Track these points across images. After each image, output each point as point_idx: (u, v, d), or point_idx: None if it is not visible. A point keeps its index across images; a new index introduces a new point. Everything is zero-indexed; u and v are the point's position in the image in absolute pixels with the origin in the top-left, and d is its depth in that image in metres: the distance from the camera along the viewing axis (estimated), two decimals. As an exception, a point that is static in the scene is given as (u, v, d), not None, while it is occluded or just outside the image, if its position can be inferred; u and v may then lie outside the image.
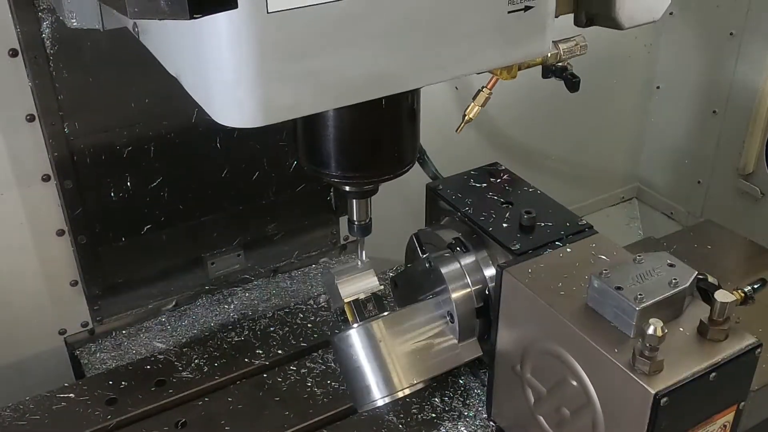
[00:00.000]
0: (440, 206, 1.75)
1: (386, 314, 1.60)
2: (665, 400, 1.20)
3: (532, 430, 1.50)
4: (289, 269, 2.22)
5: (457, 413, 1.70)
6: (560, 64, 1.69)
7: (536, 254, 1.51)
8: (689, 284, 1.33)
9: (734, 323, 1.29)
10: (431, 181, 1.92)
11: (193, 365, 1.82)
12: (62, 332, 1.96)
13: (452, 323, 1.61)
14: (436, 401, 1.72)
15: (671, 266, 1.36)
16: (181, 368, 1.81)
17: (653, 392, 1.20)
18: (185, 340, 1.94)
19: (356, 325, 1.57)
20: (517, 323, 1.49)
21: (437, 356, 1.61)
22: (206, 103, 1.04)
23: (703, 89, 2.60)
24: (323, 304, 2.04)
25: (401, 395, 1.55)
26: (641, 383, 1.21)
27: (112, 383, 1.77)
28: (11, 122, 1.70)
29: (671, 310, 1.31)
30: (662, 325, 1.20)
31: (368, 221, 1.52)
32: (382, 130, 1.30)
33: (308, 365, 1.82)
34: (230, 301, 2.10)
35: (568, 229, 1.59)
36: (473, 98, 1.78)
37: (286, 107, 1.01)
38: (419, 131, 1.37)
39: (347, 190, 1.44)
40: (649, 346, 1.20)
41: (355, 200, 1.48)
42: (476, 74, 1.24)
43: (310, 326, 1.96)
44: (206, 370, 1.81)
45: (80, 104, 1.71)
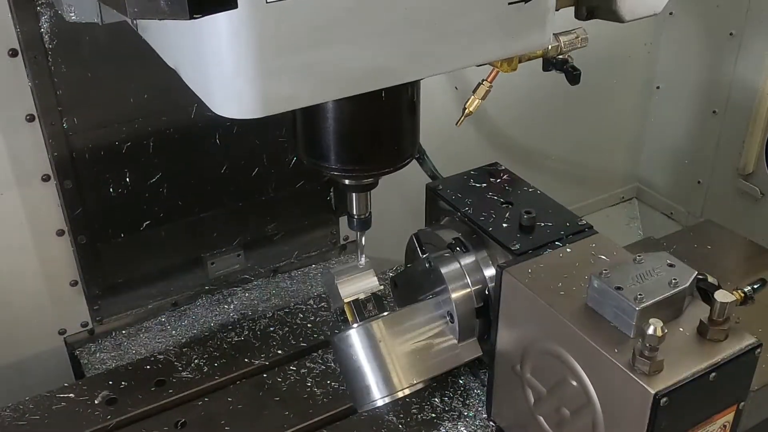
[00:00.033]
0: (440, 206, 1.75)
1: (386, 314, 1.60)
2: (665, 400, 1.20)
3: (532, 430, 1.50)
4: (289, 269, 2.22)
5: (456, 413, 1.70)
6: (561, 56, 1.68)
7: (536, 254, 1.51)
8: (689, 284, 1.33)
9: (734, 323, 1.29)
10: (431, 180, 1.92)
11: (193, 365, 1.82)
12: (62, 332, 1.96)
13: (452, 323, 1.61)
14: (436, 401, 1.72)
15: (671, 266, 1.36)
16: (181, 368, 1.81)
17: (653, 392, 1.20)
18: (185, 340, 1.94)
19: (356, 325, 1.57)
20: (517, 323, 1.49)
21: (437, 356, 1.60)
22: (205, 94, 1.04)
23: (703, 89, 2.60)
24: (323, 294, 2.04)
25: (401, 395, 1.55)
26: (641, 383, 1.21)
27: (111, 383, 1.77)
28: (11, 122, 1.70)
29: (671, 310, 1.31)
30: (662, 325, 1.20)
31: (368, 215, 1.51)
32: (381, 122, 1.29)
33: (308, 365, 1.82)
34: (230, 301, 2.10)
35: (568, 229, 1.59)
36: (473, 91, 1.77)
37: (285, 98, 1.01)
38: (419, 124, 1.36)
39: (347, 183, 1.44)
40: (649, 346, 1.20)
41: (354, 194, 1.48)
42: (477, 67, 1.23)
43: (310, 326, 1.96)
44: (206, 370, 1.81)
45: (79, 100, 1.71)
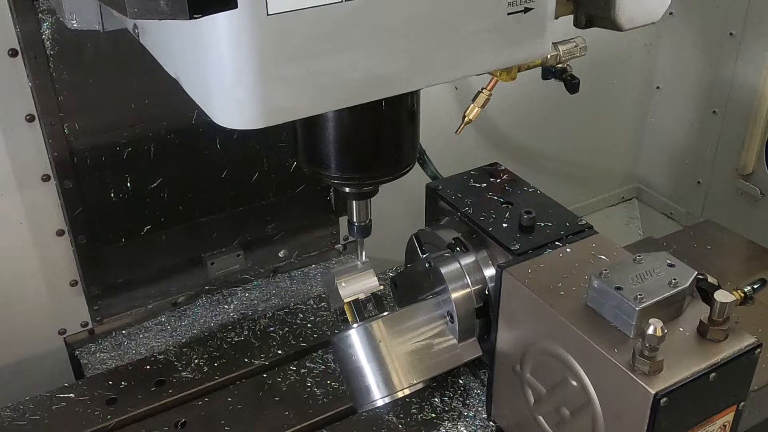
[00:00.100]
0: (440, 206, 1.75)
1: (386, 314, 1.60)
2: (665, 400, 1.20)
3: (531, 430, 1.50)
4: (288, 269, 2.22)
5: (456, 413, 1.70)
6: (560, 65, 1.69)
7: (536, 254, 1.51)
8: (689, 284, 1.33)
9: (734, 323, 1.29)
10: (431, 181, 1.92)
11: (193, 365, 1.82)
12: (62, 332, 1.96)
13: (452, 323, 1.61)
14: (435, 401, 1.72)
15: (671, 266, 1.36)
16: (181, 368, 1.81)
17: (653, 392, 1.20)
18: (185, 340, 1.94)
19: (356, 325, 1.57)
20: (517, 323, 1.49)
21: (437, 356, 1.60)
22: (206, 104, 1.04)
23: (703, 89, 2.60)
24: (323, 294, 2.03)
25: (401, 395, 1.55)
26: (641, 383, 1.21)
27: (111, 383, 1.77)
28: (11, 122, 1.70)
29: (671, 310, 1.31)
30: (662, 325, 1.20)
31: (368, 222, 1.51)
32: (381, 131, 1.30)
33: (308, 365, 1.82)
34: (230, 301, 2.10)
35: (568, 229, 1.59)
36: (473, 99, 1.77)
37: (285, 109, 1.01)
38: (419, 132, 1.37)
39: (347, 191, 1.44)
40: (649, 346, 1.20)
41: (354, 201, 1.48)
42: (476, 76, 1.24)
43: (309, 326, 1.96)
44: (206, 370, 1.81)
45: (80, 105, 1.72)
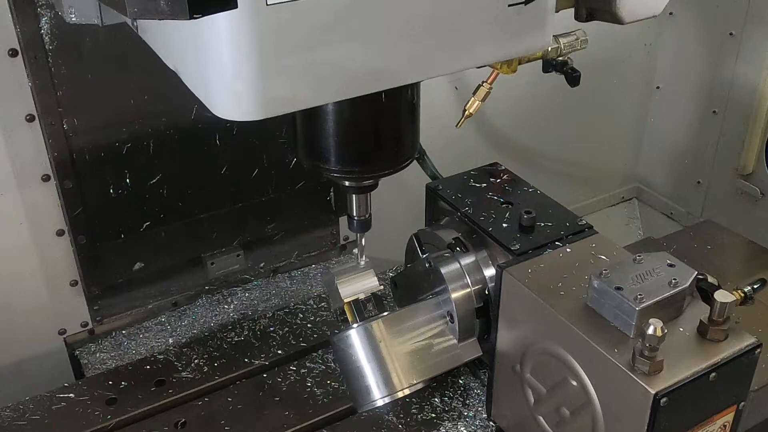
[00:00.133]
0: (440, 206, 1.75)
1: (386, 314, 1.60)
2: (665, 400, 1.20)
3: (532, 430, 1.50)
4: (288, 269, 2.22)
5: (456, 413, 1.70)
6: (561, 58, 1.69)
7: (536, 254, 1.51)
8: (689, 284, 1.33)
9: (734, 323, 1.29)
10: (431, 181, 1.92)
11: (193, 365, 1.82)
12: (62, 332, 1.96)
13: (452, 323, 1.61)
14: (436, 401, 1.72)
15: (671, 266, 1.36)
16: (181, 368, 1.81)
17: (653, 392, 1.20)
18: (185, 340, 1.94)
19: (356, 325, 1.57)
20: (517, 323, 1.49)
21: (437, 356, 1.60)
22: (205, 96, 1.04)
23: (703, 89, 2.60)
24: (323, 294, 2.03)
25: (401, 395, 1.55)
26: (641, 383, 1.21)
27: (111, 383, 1.77)
28: (11, 122, 1.70)
29: (671, 310, 1.31)
30: (662, 325, 1.20)
31: (368, 216, 1.51)
32: (381, 123, 1.29)
33: (308, 365, 1.82)
34: (230, 301, 2.10)
35: (568, 229, 1.59)
36: (473, 93, 1.77)
37: (284, 100, 1.01)
38: (419, 126, 1.36)
39: (347, 185, 1.44)
40: (648, 346, 1.20)
41: (354, 195, 1.48)
42: (476, 68, 1.24)
43: (309, 326, 1.96)
44: (206, 370, 1.81)
45: (79, 101, 1.71)
